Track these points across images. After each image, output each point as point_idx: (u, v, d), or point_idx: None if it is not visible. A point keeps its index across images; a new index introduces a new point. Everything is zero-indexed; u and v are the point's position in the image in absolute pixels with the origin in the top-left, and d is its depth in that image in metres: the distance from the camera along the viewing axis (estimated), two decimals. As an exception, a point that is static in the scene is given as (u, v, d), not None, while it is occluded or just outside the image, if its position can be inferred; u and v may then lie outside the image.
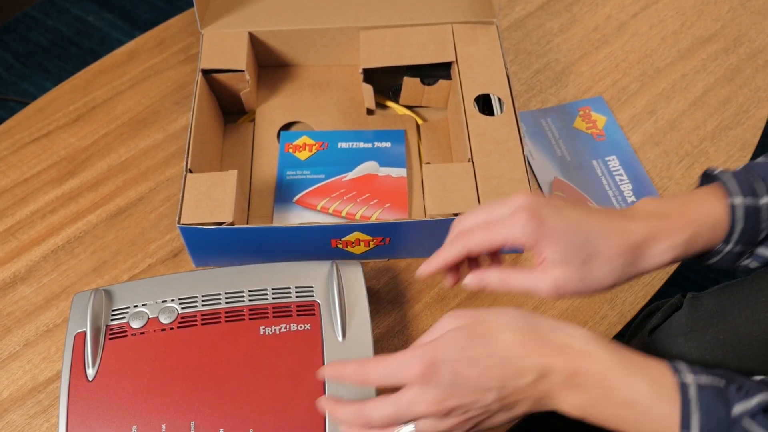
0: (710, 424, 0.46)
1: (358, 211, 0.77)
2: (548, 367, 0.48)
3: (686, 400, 0.46)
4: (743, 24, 0.99)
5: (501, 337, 0.49)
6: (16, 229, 0.79)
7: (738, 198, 0.53)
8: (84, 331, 0.62)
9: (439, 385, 0.48)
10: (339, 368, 0.53)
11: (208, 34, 0.84)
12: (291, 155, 0.82)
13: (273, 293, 0.65)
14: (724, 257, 0.55)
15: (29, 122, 0.88)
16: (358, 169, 0.81)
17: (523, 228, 0.52)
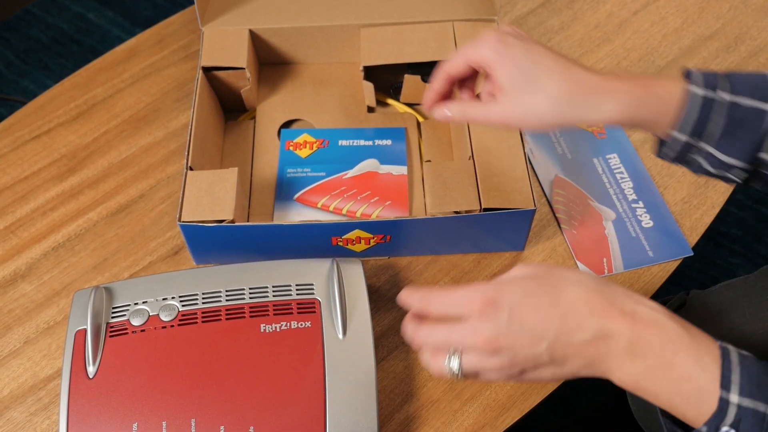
0: (751, 385, 0.45)
1: (359, 209, 0.77)
2: (610, 330, 0.48)
3: (727, 362, 0.46)
4: (744, 22, 0.99)
5: (568, 291, 0.49)
6: (17, 227, 0.79)
7: (700, 89, 0.54)
8: (84, 329, 0.62)
9: (495, 323, 0.48)
10: (407, 296, 0.54)
11: (208, 32, 0.84)
12: (292, 153, 0.81)
13: (273, 291, 0.65)
14: (675, 149, 0.56)
15: (30, 120, 0.88)
16: (359, 166, 0.80)
17: (488, 47, 0.57)
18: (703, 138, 0.54)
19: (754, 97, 0.53)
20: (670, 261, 0.77)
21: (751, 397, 0.45)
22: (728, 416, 0.45)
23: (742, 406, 0.45)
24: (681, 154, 0.56)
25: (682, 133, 0.54)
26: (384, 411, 0.67)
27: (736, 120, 0.53)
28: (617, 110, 0.54)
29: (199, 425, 0.58)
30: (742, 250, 1.42)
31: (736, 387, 0.45)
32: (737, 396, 0.45)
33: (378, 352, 0.70)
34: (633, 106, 0.54)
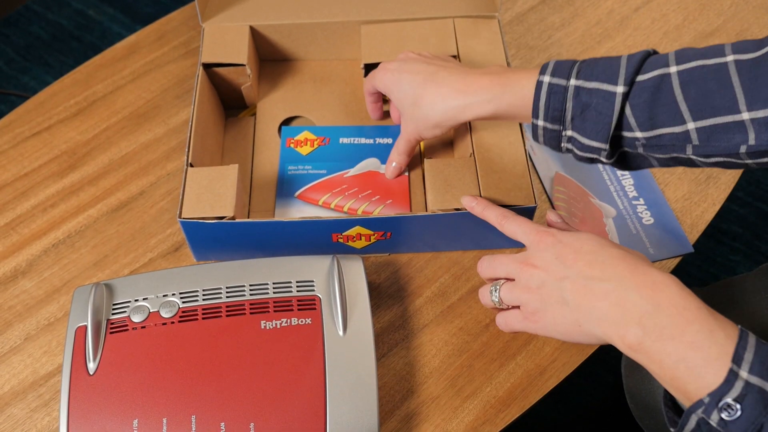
0: (762, 366, 0.46)
1: (360, 207, 0.76)
2: (630, 291, 0.51)
3: (743, 342, 0.47)
4: (746, 19, 0.98)
5: (610, 248, 0.55)
6: (17, 223, 0.79)
7: (546, 77, 0.60)
8: (85, 325, 0.62)
9: (539, 252, 0.58)
10: (483, 203, 0.67)
11: (209, 28, 0.84)
12: (292, 150, 0.81)
13: (274, 287, 0.65)
14: (545, 135, 0.62)
15: (30, 116, 0.88)
16: (360, 165, 0.80)
17: (381, 79, 0.74)
18: (562, 123, 0.59)
19: (599, 79, 0.57)
20: (670, 258, 0.77)
21: (761, 377, 0.45)
22: (734, 389, 0.46)
23: (750, 382, 0.45)
24: (551, 141, 0.62)
25: (538, 119, 0.61)
26: (384, 408, 0.67)
27: (583, 102, 0.57)
28: (479, 105, 0.64)
29: (199, 422, 0.59)
30: (743, 248, 1.42)
31: (747, 365, 0.46)
32: (747, 372, 0.46)
33: (378, 349, 0.70)
34: (493, 101, 0.63)
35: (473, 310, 0.73)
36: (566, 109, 0.59)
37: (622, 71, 0.56)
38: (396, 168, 0.77)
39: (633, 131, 0.57)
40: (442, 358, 0.70)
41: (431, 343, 0.71)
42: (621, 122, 0.57)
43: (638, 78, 0.56)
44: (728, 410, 0.46)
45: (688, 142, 0.55)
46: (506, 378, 0.69)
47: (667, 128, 0.56)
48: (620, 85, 0.56)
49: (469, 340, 0.71)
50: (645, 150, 0.58)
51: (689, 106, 0.54)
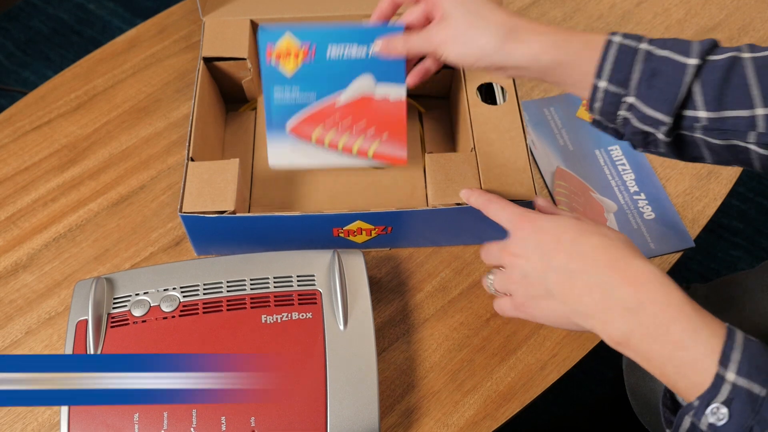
0: (750, 366, 0.45)
1: (355, 144, 0.70)
2: (613, 285, 0.51)
3: (731, 341, 0.46)
4: (748, 13, 0.98)
5: (590, 237, 0.54)
6: (18, 217, 0.79)
7: (617, 37, 0.56)
8: (86, 319, 0.62)
9: (523, 247, 0.57)
10: (473, 191, 0.67)
11: (209, 22, 0.83)
12: (275, 70, 0.69)
13: (275, 282, 0.65)
14: (604, 100, 0.57)
15: (30, 110, 0.88)
16: (352, 87, 0.69)
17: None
18: (626, 87, 0.56)
19: (671, 50, 0.55)
20: (671, 253, 0.77)
21: (748, 378, 0.45)
22: (721, 393, 0.45)
23: (737, 385, 0.45)
24: (608, 107, 0.58)
25: (602, 79, 0.56)
26: (385, 402, 0.67)
27: (653, 68, 0.55)
28: (542, 45, 0.58)
29: (200, 416, 0.59)
30: (744, 243, 1.42)
31: (735, 366, 0.45)
32: (734, 374, 0.45)
33: (379, 344, 0.70)
34: (558, 44, 0.57)
35: (474, 304, 0.73)
36: (633, 72, 0.56)
37: (695, 47, 0.55)
38: (383, 45, 0.66)
39: (696, 110, 0.55)
40: (442, 352, 0.70)
41: (432, 337, 0.71)
42: (685, 100, 0.55)
43: (709, 57, 0.54)
44: (717, 414, 0.45)
45: (752, 129, 0.53)
46: (507, 373, 0.69)
47: (734, 111, 0.54)
48: (693, 57, 0.54)
49: (469, 334, 0.71)
50: (704, 133, 0.56)
51: (762, 92, 0.53)
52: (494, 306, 0.63)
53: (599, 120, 0.60)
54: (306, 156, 0.70)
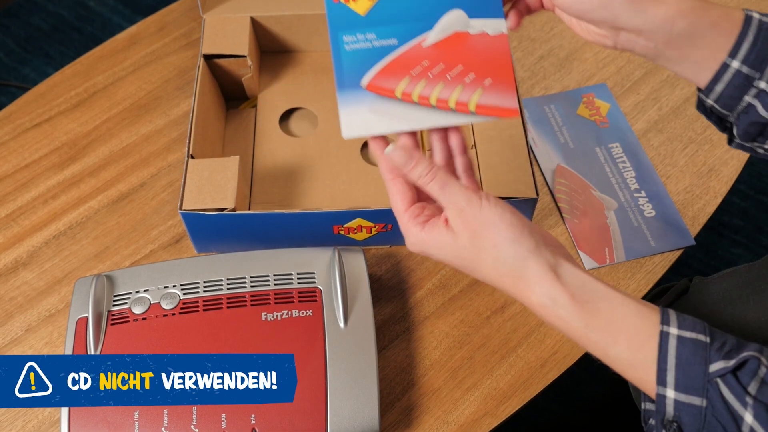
0: (686, 379, 0.46)
1: (451, 95, 0.57)
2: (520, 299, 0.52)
3: (663, 352, 0.47)
4: (749, 8, 0.98)
5: (485, 264, 0.51)
6: (18, 215, 0.79)
7: (757, 14, 0.51)
8: (86, 317, 0.62)
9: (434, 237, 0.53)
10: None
11: (209, 19, 0.83)
12: (343, 7, 0.58)
13: (275, 279, 0.65)
14: (732, 83, 0.52)
15: (30, 107, 0.87)
16: (441, 24, 0.58)
17: None
18: (760, 71, 0.51)
19: None
20: (672, 251, 0.77)
21: (686, 393, 0.46)
22: (668, 412, 0.47)
23: (678, 401, 0.46)
24: (733, 91, 0.52)
25: (735, 58, 0.51)
26: (385, 400, 0.67)
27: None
28: (680, 6, 0.50)
29: (200, 413, 0.59)
30: (744, 241, 1.42)
31: (672, 382, 0.46)
32: (673, 391, 0.46)
33: (379, 341, 0.70)
34: (697, 9, 0.51)
35: (474, 302, 0.73)
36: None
37: None
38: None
39: None
40: (442, 350, 0.70)
41: (432, 335, 0.71)
42: None
43: None
44: (673, 428, 0.47)
45: None
46: (507, 370, 0.69)
47: None
48: None
49: (470, 332, 0.71)
50: None
51: None
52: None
53: (710, 105, 0.54)
54: (391, 118, 0.56)
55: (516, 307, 0.73)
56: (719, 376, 0.45)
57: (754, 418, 0.44)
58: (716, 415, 0.45)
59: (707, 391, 0.46)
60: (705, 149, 0.85)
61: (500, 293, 0.73)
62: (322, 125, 0.84)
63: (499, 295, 0.73)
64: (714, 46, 0.51)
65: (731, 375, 0.45)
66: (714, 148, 0.85)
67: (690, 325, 0.47)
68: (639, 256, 0.76)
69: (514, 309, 0.72)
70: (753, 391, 0.45)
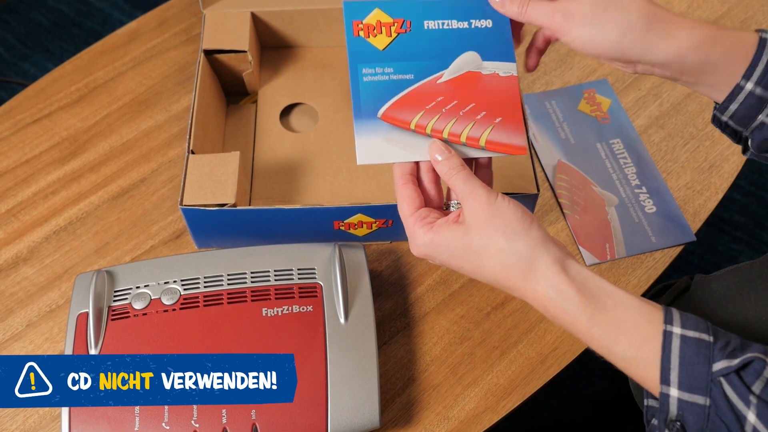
0: (690, 378, 0.46)
1: (463, 131, 0.60)
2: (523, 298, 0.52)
3: (667, 351, 0.47)
4: (750, 6, 0.98)
5: (488, 262, 0.53)
6: (18, 210, 0.79)
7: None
8: (86, 312, 0.62)
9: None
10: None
11: (210, 15, 0.83)
12: (364, 42, 0.61)
13: (275, 275, 0.65)
14: (745, 103, 0.53)
15: (30, 103, 0.87)
16: (456, 64, 0.62)
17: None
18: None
19: None
20: (672, 247, 0.77)
21: (690, 392, 0.46)
22: (671, 411, 0.47)
23: (682, 399, 0.46)
24: (747, 110, 0.54)
25: (750, 80, 0.52)
26: (385, 395, 0.67)
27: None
28: (691, 40, 0.52)
29: (200, 410, 0.59)
30: (745, 237, 1.42)
31: (675, 381, 0.46)
32: (677, 390, 0.46)
33: (380, 337, 0.70)
34: (708, 41, 0.52)
35: (474, 298, 0.73)
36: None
37: None
38: (501, 3, 0.59)
39: None
40: (443, 346, 0.70)
41: (432, 331, 0.71)
42: None
43: None
44: (673, 427, 0.47)
45: None
46: (507, 366, 0.69)
47: None
48: None
49: (470, 328, 0.71)
50: None
51: None
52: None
53: (725, 121, 0.56)
54: (404, 147, 0.59)
55: (516, 303, 0.72)
56: (723, 375, 0.46)
57: (757, 417, 0.44)
58: (720, 414, 0.46)
59: (711, 390, 0.46)
60: (706, 145, 0.85)
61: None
62: (323, 121, 0.84)
63: (500, 291, 0.73)
64: (728, 72, 0.53)
65: (735, 374, 0.45)
66: (715, 144, 0.85)
67: (693, 325, 0.48)
68: (639, 252, 0.76)
69: (515, 305, 0.72)
70: (757, 390, 0.45)
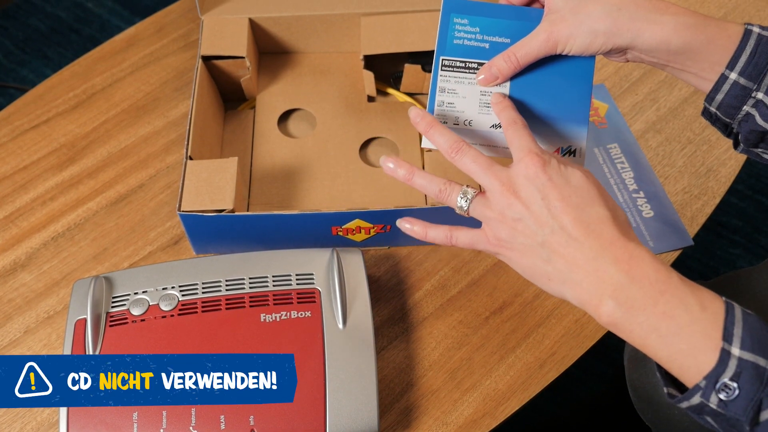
0: (752, 341, 0.46)
1: None
2: (607, 265, 0.49)
3: (731, 316, 0.46)
4: (746, 10, 0.98)
5: (596, 208, 0.52)
6: (16, 216, 0.79)
7: (756, 28, 0.54)
8: (84, 318, 0.62)
9: (527, 189, 0.53)
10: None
11: (208, 20, 0.83)
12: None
13: (273, 280, 0.65)
14: (729, 93, 0.55)
15: (29, 109, 0.87)
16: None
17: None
18: (758, 83, 0.54)
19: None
20: (670, 251, 0.77)
21: (753, 352, 0.45)
22: (729, 368, 0.46)
23: (743, 359, 0.45)
24: (731, 101, 0.55)
25: (733, 70, 0.54)
26: (384, 401, 0.67)
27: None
28: (675, 26, 0.54)
29: (199, 414, 0.59)
30: (743, 241, 1.42)
31: (738, 340, 0.46)
32: (738, 349, 0.46)
33: (378, 342, 0.70)
34: (692, 27, 0.54)
35: (473, 303, 0.73)
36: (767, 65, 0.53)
37: None
38: (491, 76, 0.60)
39: None
40: (441, 351, 0.70)
41: (431, 336, 0.71)
42: None
43: None
44: (726, 390, 0.46)
45: None
46: (506, 371, 0.69)
47: None
48: None
49: (468, 333, 0.71)
50: None
51: None
52: (454, 232, 0.59)
53: (713, 112, 0.57)
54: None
55: (515, 308, 0.73)
56: None
57: None
58: None
59: None
60: (703, 150, 0.85)
61: (499, 293, 0.73)
62: (321, 126, 0.84)
63: (498, 296, 0.73)
64: (712, 60, 0.55)
65: None
66: (712, 148, 0.85)
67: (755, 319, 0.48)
68: (637, 256, 0.76)
69: (513, 310, 0.72)
70: None
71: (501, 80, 0.60)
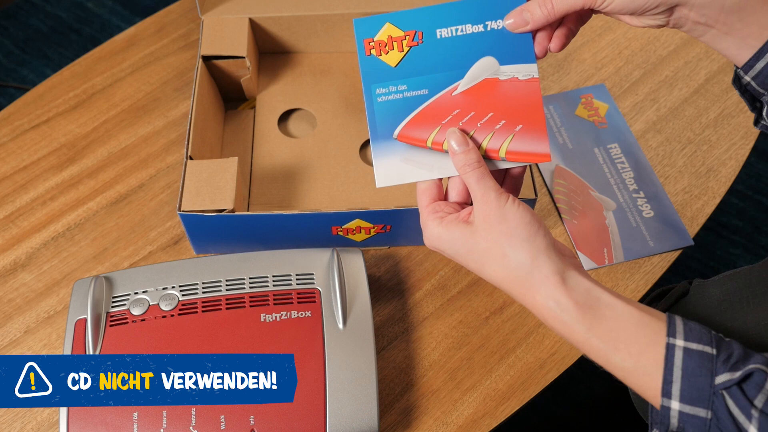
0: (691, 392, 0.46)
1: (483, 142, 0.58)
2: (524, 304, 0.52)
3: (669, 364, 0.47)
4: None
5: (489, 267, 0.53)
6: (17, 216, 0.79)
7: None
8: (85, 318, 0.62)
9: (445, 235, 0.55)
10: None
11: (208, 20, 0.83)
12: (375, 60, 0.58)
13: (274, 280, 0.65)
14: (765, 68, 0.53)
15: (29, 109, 0.87)
16: (472, 73, 0.58)
17: None
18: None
19: None
20: (670, 251, 0.77)
21: (692, 404, 0.46)
22: (672, 423, 0.47)
23: (683, 412, 0.46)
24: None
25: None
26: (384, 400, 0.67)
27: None
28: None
29: (199, 414, 0.59)
30: (743, 241, 1.42)
31: (677, 394, 0.46)
32: (678, 403, 0.46)
33: (378, 342, 0.70)
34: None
35: (473, 303, 0.73)
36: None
37: None
38: (522, 21, 0.55)
39: None
40: (441, 351, 0.70)
41: (431, 336, 0.71)
42: None
43: None
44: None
45: None
46: (506, 371, 0.69)
47: None
48: None
49: (468, 333, 0.71)
50: None
51: None
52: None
53: (746, 82, 0.55)
54: (422, 167, 0.58)
55: (515, 308, 0.73)
56: (725, 388, 0.45)
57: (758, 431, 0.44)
58: (721, 427, 0.45)
59: (713, 403, 0.46)
60: (703, 150, 0.85)
61: (499, 294, 0.73)
62: (321, 126, 0.84)
63: (498, 296, 0.73)
64: (762, 23, 0.52)
65: (737, 387, 0.45)
66: (712, 148, 0.85)
67: (696, 336, 0.47)
68: (638, 256, 0.76)
69: (513, 310, 0.72)
70: (759, 404, 0.45)
71: (531, 27, 0.55)
